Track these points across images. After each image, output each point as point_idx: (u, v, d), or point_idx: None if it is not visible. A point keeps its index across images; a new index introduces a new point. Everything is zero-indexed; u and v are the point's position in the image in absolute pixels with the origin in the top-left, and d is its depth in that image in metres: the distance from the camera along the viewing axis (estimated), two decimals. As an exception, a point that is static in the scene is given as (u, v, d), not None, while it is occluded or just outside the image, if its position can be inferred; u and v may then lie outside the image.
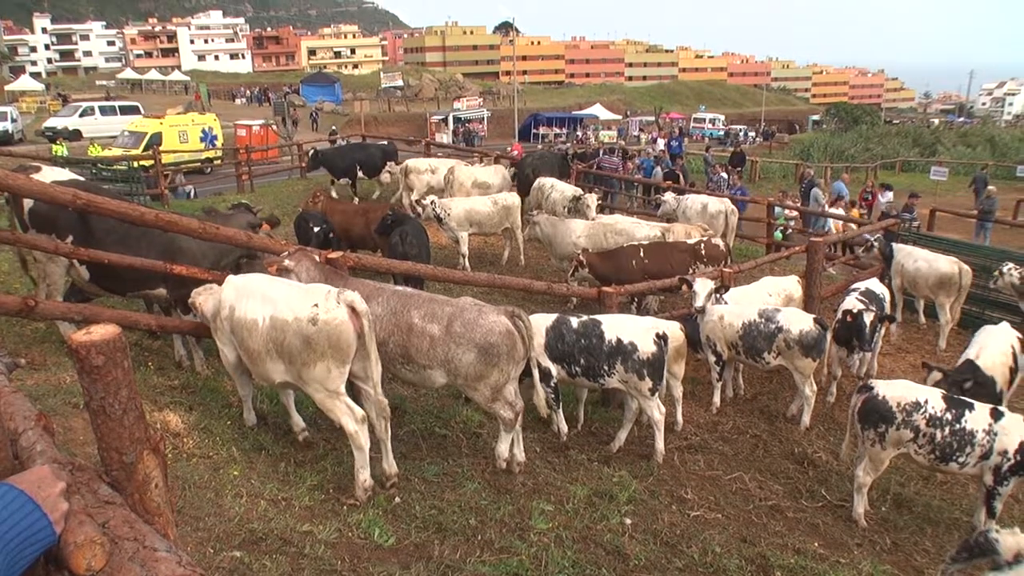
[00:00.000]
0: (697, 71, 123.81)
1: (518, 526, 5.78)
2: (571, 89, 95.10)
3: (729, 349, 8.76)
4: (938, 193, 29.89)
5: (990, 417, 6.47)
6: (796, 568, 5.83)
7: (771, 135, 66.35)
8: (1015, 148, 54.41)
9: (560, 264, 12.84)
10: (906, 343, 12.14)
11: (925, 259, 12.14)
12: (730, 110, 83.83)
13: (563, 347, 7.37)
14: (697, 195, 16.11)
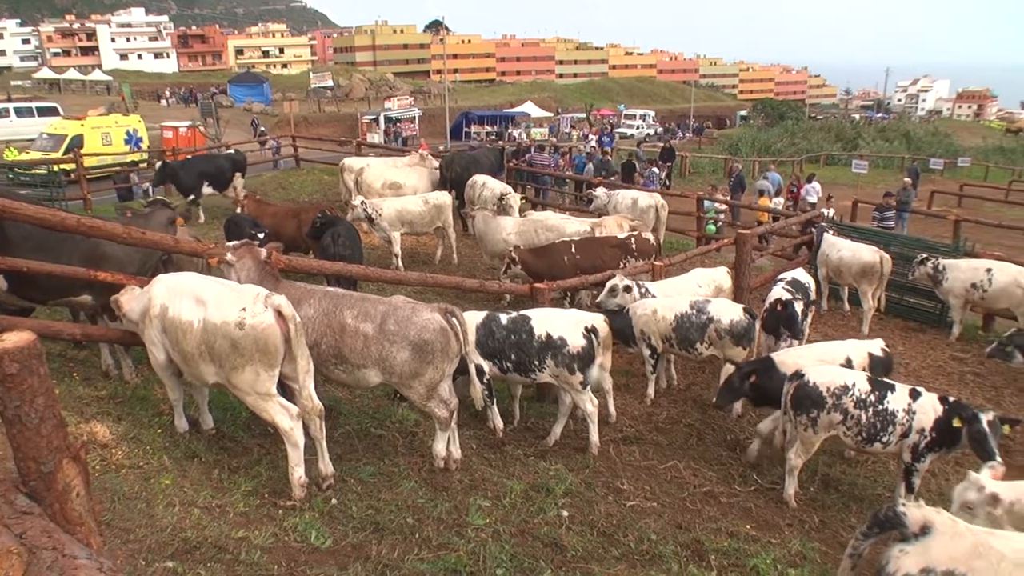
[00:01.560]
0: (627, 68, 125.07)
1: (456, 523, 5.79)
2: (502, 87, 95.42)
3: (663, 342, 8.89)
4: (859, 185, 30.81)
5: (909, 397, 6.75)
6: (729, 551, 5.97)
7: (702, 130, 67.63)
8: (928, 142, 56.92)
9: (492, 260, 12.88)
10: (832, 329, 12.50)
11: (849, 249, 12.55)
12: (660, 106, 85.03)
13: (494, 344, 7.40)
14: (627, 190, 16.33)
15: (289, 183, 23.77)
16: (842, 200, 23.00)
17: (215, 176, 18.51)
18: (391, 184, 16.87)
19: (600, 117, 67.32)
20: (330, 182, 22.45)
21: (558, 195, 22.73)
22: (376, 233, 14.25)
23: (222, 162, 19.30)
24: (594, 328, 7.59)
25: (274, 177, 25.00)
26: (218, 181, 18.53)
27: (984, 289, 11.90)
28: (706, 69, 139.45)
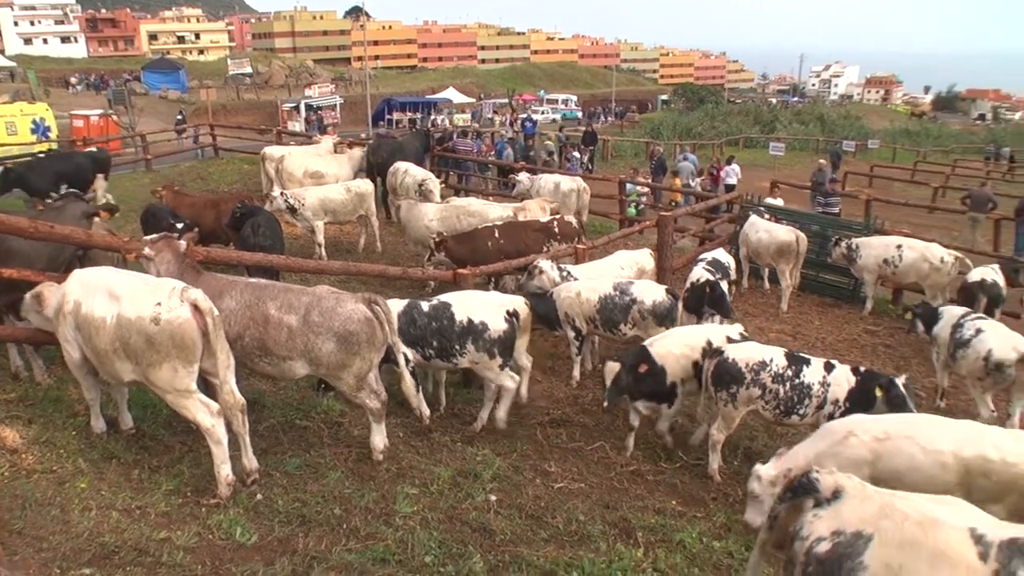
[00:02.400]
0: (549, 53, 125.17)
1: (383, 512, 5.75)
2: (424, 73, 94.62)
3: (587, 324, 8.97)
4: (777, 167, 31.64)
5: (824, 370, 6.99)
6: (656, 527, 6.07)
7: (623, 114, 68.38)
8: (841, 125, 59.12)
9: (416, 248, 12.81)
10: (752, 307, 12.82)
11: (766, 229, 12.88)
12: (582, 91, 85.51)
13: (416, 331, 7.37)
14: (550, 174, 16.41)
15: (208, 173, 23.15)
16: (760, 181, 23.56)
17: (74, 176, 16.21)
18: (313, 173, 16.56)
19: (523, 102, 67.45)
20: (250, 171, 21.96)
21: (481, 181, 22.69)
22: (299, 223, 14.01)
23: (82, 160, 17.11)
24: (515, 311, 7.64)
25: (192, 167, 24.30)
26: (77, 181, 15.90)
27: (895, 265, 12.41)
28: (627, 54, 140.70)
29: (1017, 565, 2.84)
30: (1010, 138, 66.66)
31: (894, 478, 5.34)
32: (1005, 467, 5.18)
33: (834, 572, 3.00)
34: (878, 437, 5.47)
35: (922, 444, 5.33)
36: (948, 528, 2.99)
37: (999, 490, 5.27)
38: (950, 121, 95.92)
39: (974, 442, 5.28)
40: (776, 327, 12.05)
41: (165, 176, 20.44)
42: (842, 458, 5.45)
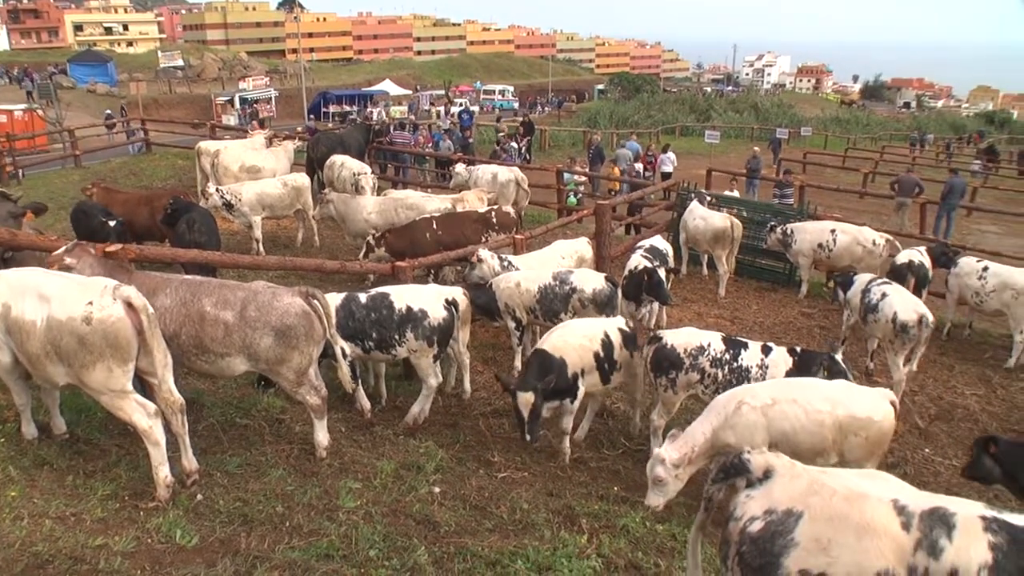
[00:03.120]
0: (485, 44, 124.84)
1: (326, 508, 5.70)
2: (360, 65, 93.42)
3: (528, 313, 9.00)
4: (712, 155, 32.12)
5: (761, 353, 7.14)
6: (600, 513, 6.14)
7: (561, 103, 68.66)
8: (775, 113, 60.43)
9: (354, 241, 12.69)
10: (691, 293, 13.01)
11: (702, 216, 13.08)
12: (519, 81, 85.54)
13: (354, 324, 7.32)
14: (487, 165, 16.40)
15: (140, 169, 22.51)
16: (697, 169, 23.88)
17: None
18: (249, 167, 16.22)
19: (459, 93, 67.22)
20: (184, 167, 21.48)
21: (419, 173, 22.57)
22: (236, 219, 13.76)
23: None
24: (454, 300, 7.67)
25: (124, 163, 23.59)
26: None
27: (829, 248, 12.75)
28: (563, 44, 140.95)
29: (938, 533, 2.94)
30: (933, 125, 69.73)
31: (784, 440, 5.87)
32: (871, 424, 5.82)
33: (767, 550, 3.07)
34: (767, 403, 5.93)
35: (804, 407, 5.88)
36: (873, 501, 3.08)
37: (869, 446, 5.91)
38: (877, 109, 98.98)
39: (845, 403, 5.89)
40: (715, 312, 12.25)
41: (95, 173, 19.86)
42: (739, 428, 5.92)
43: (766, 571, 3.06)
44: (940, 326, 12.02)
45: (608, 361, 7.41)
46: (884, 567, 2.94)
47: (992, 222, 24.76)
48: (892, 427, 6.05)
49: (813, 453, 5.90)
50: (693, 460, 6.09)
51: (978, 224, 24.70)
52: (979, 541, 2.90)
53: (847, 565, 2.97)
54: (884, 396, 6.15)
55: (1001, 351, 11.31)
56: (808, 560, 3.01)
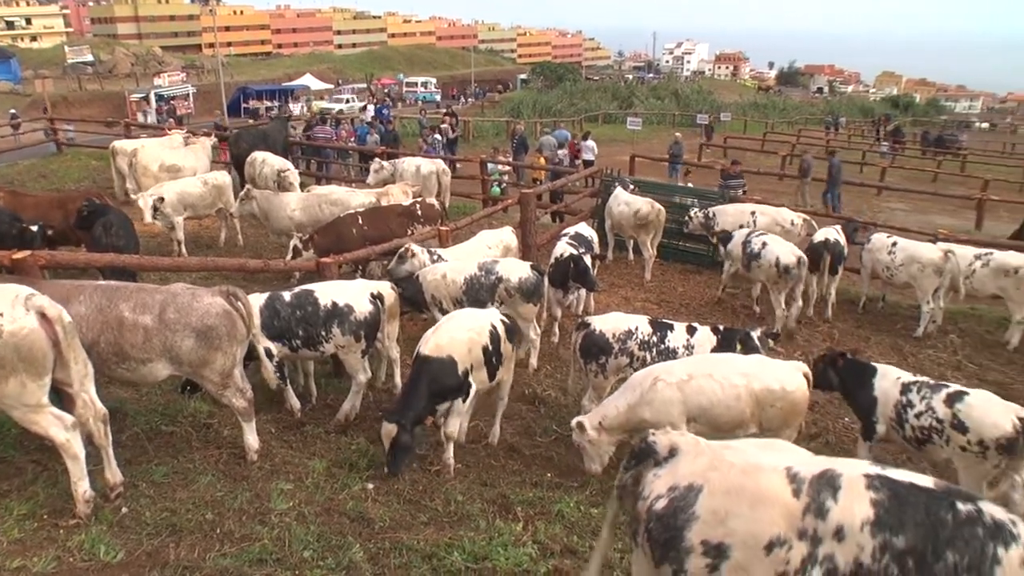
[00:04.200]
0: (406, 36, 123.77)
1: (258, 511, 5.61)
2: (280, 60, 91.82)
3: (455, 305, 8.96)
4: (635, 141, 32.51)
5: (687, 333, 7.30)
6: (534, 500, 6.19)
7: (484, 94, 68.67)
8: (695, 100, 61.60)
9: (278, 239, 12.45)
10: (618, 278, 13.16)
11: (626, 202, 13.23)
12: (441, 73, 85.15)
13: (280, 323, 7.20)
14: (411, 158, 16.29)
15: (51, 171, 21.53)
16: (620, 155, 24.12)
17: None
18: (168, 167, 15.75)
19: (381, 87, 66.62)
20: (98, 167, 20.75)
21: (343, 168, 22.26)
22: (158, 221, 13.27)
23: None
24: (380, 295, 7.61)
25: (32, 165, 22.45)
26: None
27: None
28: (485, 35, 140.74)
29: (824, 496, 3.06)
30: (844, 108, 72.48)
31: (702, 414, 6.15)
32: (785, 395, 6.12)
33: (670, 525, 3.17)
34: (683, 378, 6.17)
35: (720, 381, 6.13)
36: (767, 471, 3.20)
37: (785, 416, 6.20)
38: (792, 94, 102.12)
39: (760, 376, 6.16)
40: (641, 296, 12.42)
41: (2, 176, 19.01)
42: (655, 404, 6.16)
43: (671, 545, 3.16)
44: (856, 300, 12.50)
45: (496, 355, 7.03)
46: (776, 534, 3.05)
47: (900, 200, 25.81)
48: (806, 397, 6.31)
49: (732, 425, 6.15)
50: (606, 428, 6.38)
51: (887, 202, 25.63)
52: (862, 499, 3.03)
53: (743, 534, 3.07)
54: (797, 368, 6.41)
55: (911, 321, 11.81)
56: (708, 532, 3.11)
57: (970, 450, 6.15)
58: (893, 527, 2.96)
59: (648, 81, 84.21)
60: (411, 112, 43.21)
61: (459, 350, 6.68)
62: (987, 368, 10.44)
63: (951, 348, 10.87)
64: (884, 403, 6.72)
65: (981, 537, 2.91)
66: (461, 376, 6.65)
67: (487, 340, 6.93)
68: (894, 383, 6.74)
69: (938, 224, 18.95)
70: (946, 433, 6.27)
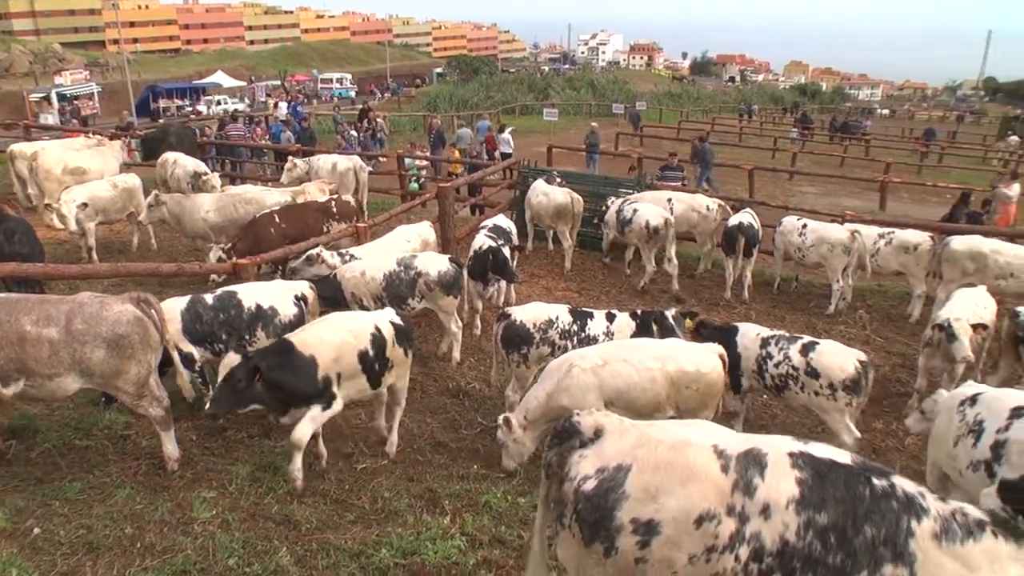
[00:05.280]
0: (320, 31, 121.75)
1: (180, 522, 5.52)
2: (189, 57, 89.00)
3: (375, 302, 8.90)
4: (552, 132, 32.72)
5: (607, 320, 7.43)
6: (461, 493, 6.23)
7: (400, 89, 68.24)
8: (611, 90, 62.43)
9: (193, 242, 12.08)
10: (538, 269, 13.25)
11: (544, 193, 13.32)
12: (356, 68, 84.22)
13: (202, 327, 7.05)
14: (327, 155, 16.06)
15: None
16: (537, 146, 24.28)
17: None
18: (73, 169, 15.05)
19: (295, 83, 65.52)
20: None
21: (258, 167, 21.79)
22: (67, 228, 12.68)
23: None
24: (303, 296, 7.53)
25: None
26: None
27: (667, 217, 13.24)
28: (399, 29, 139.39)
29: (752, 473, 3.14)
30: (756, 97, 74.65)
31: (619, 398, 6.29)
32: (700, 377, 6.31)
33: (601, 505, 3.20)
34: (597, 363, 6.29)
35: (635, 365, 6.27)
36: (695, 447, 3.27)
37: (701, 397, 6.39)
38: (705, 83, 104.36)
39: (674, 359, 6.33)
40: (562, 285, 12.53)
41: None
42: (572, 390, 6.26)
43: (601, 524, 3.19)
44: (770, 281, 12.87)
45: (379, 360, 6.56)
46: (706, 509, 3.10)
47: (810, 183, 26.69)
48: (721, 378, 6.48)
49: (649, 408, 6.29)
50: (530, 423, 6.45)
51: (799, 186, 26.47)
52: (787, 477, 3.11)
53: (673, 510, 3.12)
54: (712, 350, 6.58)
55: (823, 300, 12.22)
56: (639, 509, 3.15)
57: (822, 393, 7.03)
58: (816, 505, 3.04)
59: (564, 72, 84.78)
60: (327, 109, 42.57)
61: (324, 353, 6.17)
62: (892, 340, 10.89)
63: (860, 323, 11.30)
64: (746, 358, 7.46)
65: (896, 510, 3.02)
66: (320, 382, 6.11)
67: (366, 344, 6.45)
68: (754, 339, 7.51)
69: (845, 206, 19.71)
70: (801, 379, 7.12)
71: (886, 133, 46.62)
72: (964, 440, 5.15)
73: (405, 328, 6.96)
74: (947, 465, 5.30)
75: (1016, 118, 55.90)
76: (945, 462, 5.32)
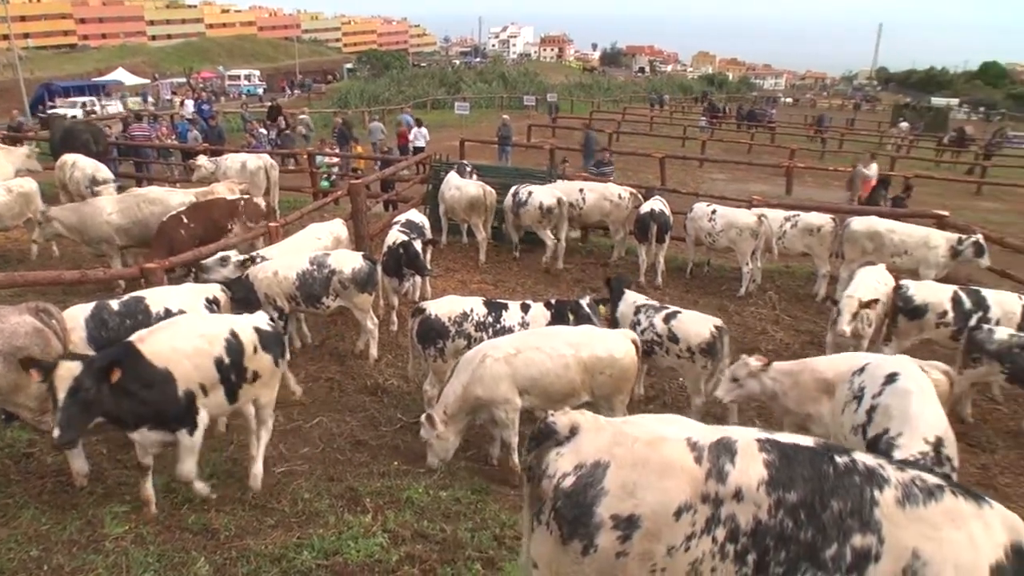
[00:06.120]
0: (225, 27, 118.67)
1: (91, 540, 5.32)
2: (87, 53, 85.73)
3: (289, 301, 8.77)
4: (464, 126, 32.68)
5: (521, 311, 7.51)
6: (383, 490, 6.19)
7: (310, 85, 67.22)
8: (522, 82, 62.78)
9: (98, 249, 11.54)
10: (453, 263, 13.25)
11: (457, 186, 13.33)
12: (265, 65, 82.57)
13: (108, 334, 6.78)
14: (236, 154, 15.71)
15: None
16: (450, 140, 24.21)
17: None
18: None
19: (201, 80, 63.82)
20: None
21: (165, 167, 21.13)
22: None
23: None
24: (215, 298, 7.36)
25: None
26: None
27: (580, 207, 13.46)
28: (308, 24, 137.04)
29: (723, 461, 3.22)
30: (665, 87, 76.21)
31: (533, 386, 6.41)
32: (614, 362, 6.46)
33: (580, 502, 3.23)
34: (510, 352, 6.39)
35: (548, 352, 6.40)
36: (670, 441, 3.33)
37: (615, 383, 6.55)
38: (616, 74, 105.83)
39: (588, 345, 6.47)
40: (478, 278, 12.56)
41: None
42: (486, 380, 6.35)
43: (581, 521, 3.23)
44: (683, 266, 13.18)
45: (236, 371, 5.83)
46: (684, 500, 3.17)
47: (719, 170, 27.38)
48: (635, 363, 6.64)
49: (564, 395, 6.43)
50: (450, 417, 6.48)
51: (709, 173, 27.11)
52: (756, 461, 3.21)
53: (652, 504, 3.18)
54: (625, 336, 6.77)
55: (734, 282, 12.62)
56: (618, 505, 3.20)
57: (683, 356, 7.70)
58: (785, 484, 3.14)
59: (475, 66, 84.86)
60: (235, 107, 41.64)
61: (180, 364, 5.41)
62: (801, 319, 11.30)
63: (770, 304, 11.66)
64: (623, 323, 8.09)
65: (859, 483, 3.14)
66: (182, 399, 5.41)
67: (221, 351, 5.71)
68: (630, 306, 8.22)
69: (753, 191, 20.21)
70: (665, 344, 7.76)
71: (790, 121, 48.04)
72: (849, 406, 5.52)
73: (273, 334, 6.30)
74: (839, 432, 5.57)
75: (906, 105, 58.83)
76: (838, 430, 5.60)
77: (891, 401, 5.17)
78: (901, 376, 5.31)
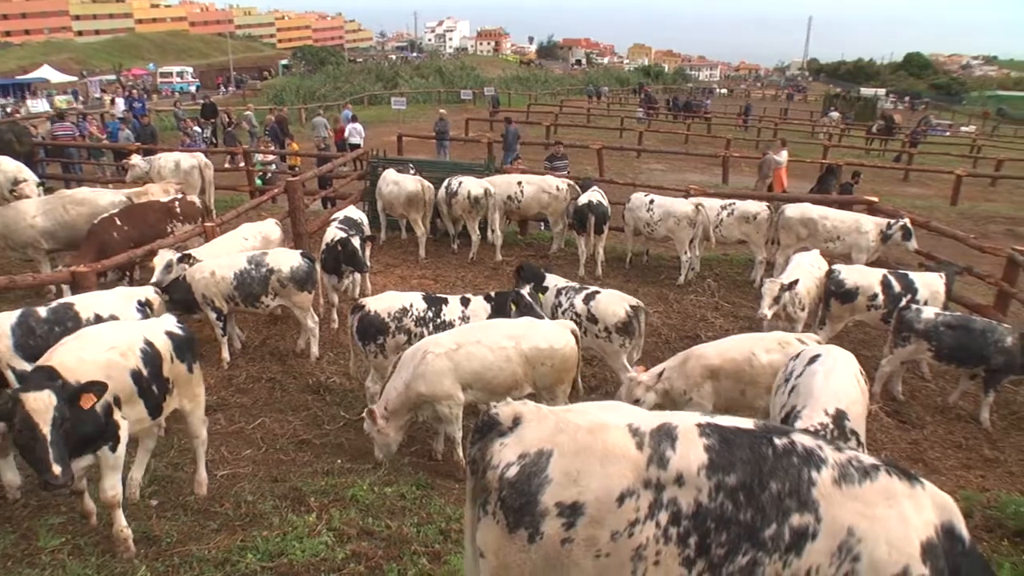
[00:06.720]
0: (156, 22, 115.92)
1: (25, 553, 5.19)
2: (10, 50, 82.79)
3: (227, 302, 8.66)
4: (402, 121, 32.53)
5: (461, 305, 7.54)
6: (327, 489, 6.17)
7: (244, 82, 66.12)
8: (459, 76, 62.62)
9: (23, 253, 11.18)
10: (393, 259, 13.21)
11: (395, 181, 13.28)
12: (198, 61, 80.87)
13: (37, 341, 6.59)
14: (169, 153, 15.38)
15: None
16: (387, 136, 24.09)
17: None
18: None
19: (133, 77, 62.25)
20: None
21: (96, 168, 20.55)
22: None
23: None
24: (148, 301, 7.24)
25: None
26: None
27: (519, 200, 13.49)
28: (241, 19, 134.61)
29: (664, 446, 3.28)
30: (602, 79, 76.83)
31: (476, 379, 6.50)
32: (554, 353, 6.59)
33: (524, 491, 3.26)
34: (451, 348, 6.47)
35: (489, 346, 6.49)
36: (611, 428, 3.37)
37: (556, 373, 6.65)
38: (553, 67, 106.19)
39: (528, 337, 6.59)
40: (418, 273, 12.54)
41: None
42: (428, 376, 6.41)
43: (526, 510, 3.25)
44: (622, 257, 13.31)
45: (155, 381, 5.49)
46: (626, 486, 3.21)
47: (657, 161, 27.70)
48: (575, 353, 6.72)
49: (507, 387, 6.49)
50: (391, 413, 6.53)
51: (647, 164, 27.40)
52: (696, 446, 3.27)
53: (595, 491, 3.22)
54: (565, 326, 6.83)
55: (673, 271, 12.80)
56: (562, 493, 3.23)
57: (601, 336, 8.10)
58: (724, 467, 3.20)
59: (412, 60, 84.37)
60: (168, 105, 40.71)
61: (95, 378, 4.88)
62: (739, 305, 11.53)
63: (709, 291, 11.90)
64: (544, 305, 8.40)
65: (797, 464, 3.21)
66: (102, 415, 5.00)
67: (137, 362, 5.36)
68: (552, 288, 8.64)
69: (691, 181, 20.57)
70: (584, 324, 8.07)
71: (725, 111, 48.87)
72: (782, 388, 5.77)
73: (186, 337, 5.90)
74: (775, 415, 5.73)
75: (837, 95, 60.35)
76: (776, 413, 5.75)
77: (804, 380, 5.47)
78: (821, 358, 5.62)
